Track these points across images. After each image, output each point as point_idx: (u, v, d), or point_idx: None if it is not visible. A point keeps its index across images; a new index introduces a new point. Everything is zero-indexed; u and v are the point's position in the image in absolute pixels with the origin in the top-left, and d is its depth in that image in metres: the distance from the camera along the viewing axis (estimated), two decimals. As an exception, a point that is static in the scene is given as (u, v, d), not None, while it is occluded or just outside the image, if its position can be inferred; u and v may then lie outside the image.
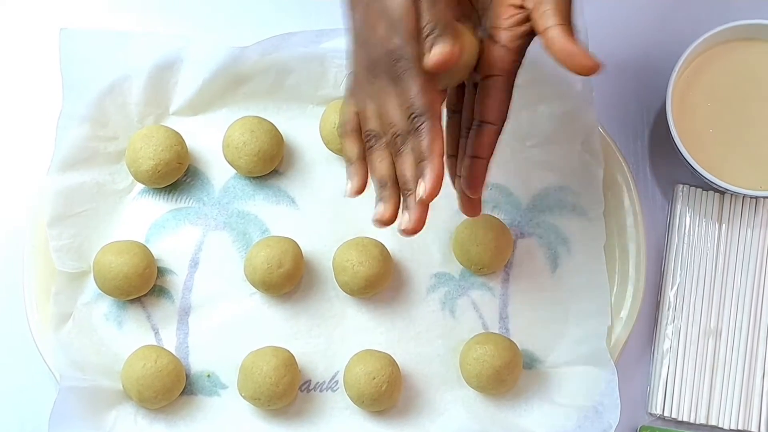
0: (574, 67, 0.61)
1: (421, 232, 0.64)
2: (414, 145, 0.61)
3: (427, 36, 0.60)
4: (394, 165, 0.63)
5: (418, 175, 0.61)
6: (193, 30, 0.85)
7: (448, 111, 0.71)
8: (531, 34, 0.64)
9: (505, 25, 0.65)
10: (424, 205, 0.62)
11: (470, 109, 0.68)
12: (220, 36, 0.84)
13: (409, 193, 0.62)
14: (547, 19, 0.62)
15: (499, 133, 0.67)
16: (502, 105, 0.67)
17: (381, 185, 0.64)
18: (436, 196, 0.61)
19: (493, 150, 0.68)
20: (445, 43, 0.60)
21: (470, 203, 0.72)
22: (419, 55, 0.60)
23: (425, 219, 0.63)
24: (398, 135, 0.62)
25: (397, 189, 0.64)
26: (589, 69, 0.61)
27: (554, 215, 0.82)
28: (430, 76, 0.61)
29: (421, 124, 0.61)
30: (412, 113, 0.61)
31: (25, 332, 0.80)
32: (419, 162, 0.61)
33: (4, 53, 0.87)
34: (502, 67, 0.65)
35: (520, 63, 0.66)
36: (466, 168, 0.69)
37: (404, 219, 0.63)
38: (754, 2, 0.86)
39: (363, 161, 0.66)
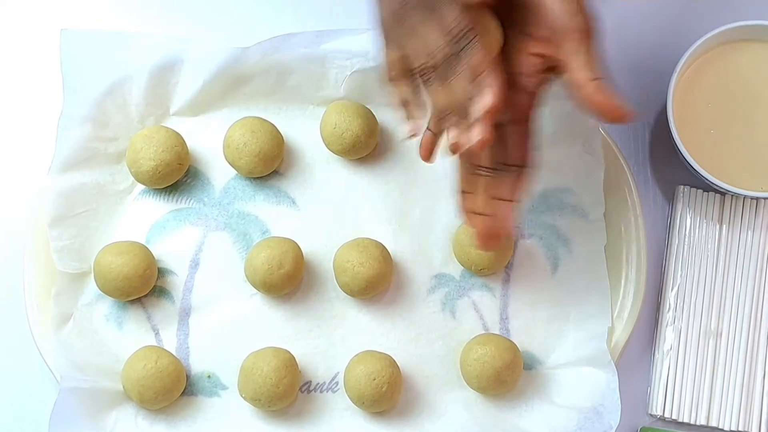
0: (611, 120, 0.63)
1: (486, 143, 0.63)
2: (465, 64, 0.62)
3: (459, 40, 0.62)
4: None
5: (476, 93, 0.62)
6: (193, 31, 0.85)
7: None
8: (550, 78, 0.66)
9: (526, 72, 0.65)
10: (490, 117, 0.62)
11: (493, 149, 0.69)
12: (220, 37, 0.84)
13: (470, 116, 0.63)
14: (581, 73, 0.62)
15: (527, 175, 0.68)
16: (527, 147, 0.68)
17: (443, 116, 0.65)
18: (501, 106, 0.62)
19: (521, 194, 0.69)
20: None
21: (487, 238, 0.71)
22: None
23: (492, 130, 0.63)
24: (448, 57, 0.63)
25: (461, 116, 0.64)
26: (624, 118, 0.63)
27: (555, 216, 0.82)
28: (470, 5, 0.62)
29: (468, 42, 0.62)
30: (456, 35, 0.62)
31: (25, 333, 0.80)
32: (475, 78, 0.62)
33: (4, 54, 0.87)
34: (523, 112, 0.67)
35: (539, 108, 0.67)
36: (492, 211, 0.69)
37: (471, 134, 0.63)
38: (755, 3, 0.86)
39: (417, 100, 0.67)
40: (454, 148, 0.65)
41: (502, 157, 0.68)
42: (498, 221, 0.70)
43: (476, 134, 0.63)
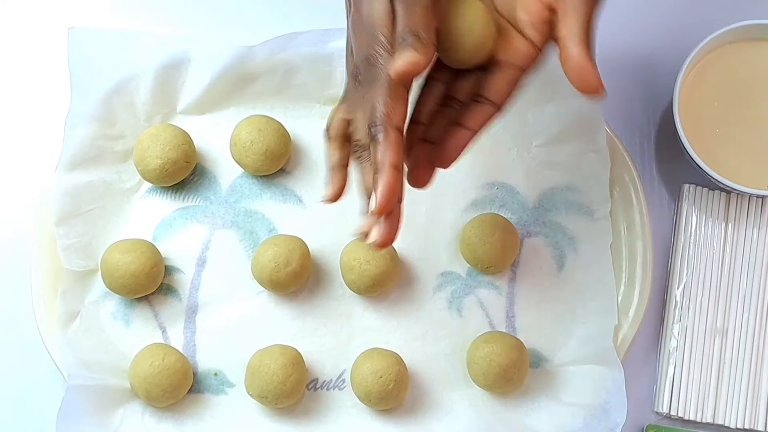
0: (580, 85, 0.61)
1: (391, 245, 0.62)
2: (372, 156, 0.60)
3: (400, 44, 0.59)
4: None
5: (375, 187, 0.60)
6: (200, 29, 0.86)
7: (427, 77, 0.67)
8: (552, 33, 0.63)
9: (533, 21, 0.63)
10: (386, 218, 0.61)
11: (473, 82, 0.65)
12: (227, 35, 0.84)
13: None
14: (568, 29, 0.61)
15: (497, 115, 0.65)
16: (510, 92, 0.65)
17: (365, 198, 0.63)
18: (388, 208, 0.60)
19: (482, 128, 0.66)
20: (411, 52, 0.58)
21: (423, 173, 0.67)
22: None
23: (394, 233, 0.62)
24: (362, 145, 0.61)
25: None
26: (593, 89, 0.61)
27: (561, 214, 0.83)
28: (399, 85, 0.59)
29: (377, 134, 0.60)
30: (371, 122, 0.60)
31: (32, 331, 0.80)
32: (375, 174, 0.60)
33: (12, 52, 0.87)
34: (522, 61, 0.64)
35: (540, 62, 0.65)
36: (449, 135, 0.66)
37: (373, 232, 0.62)
38: (761, 2, 0.86)
39: (342, 168, 0.65)
40: (361, 239, 0.63)
41: (483, 91, 0.65)
42: (454, 149, 0.66)
43: (374, 235, 0.62)
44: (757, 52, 0.80)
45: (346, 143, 0.65)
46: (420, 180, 0.67)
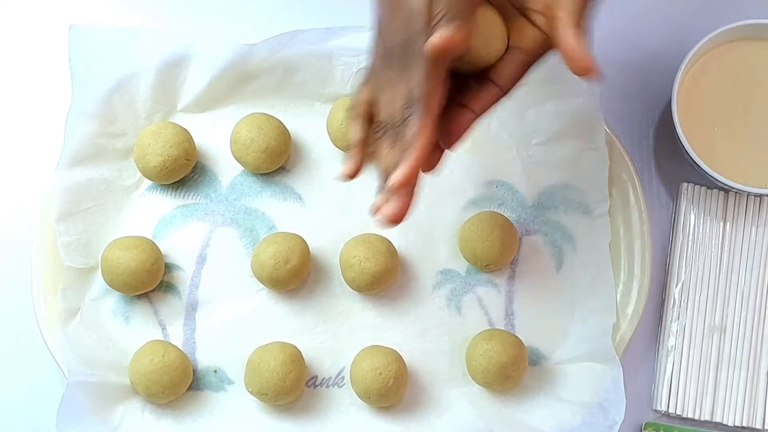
0: (574, 67, 0.61)
1: (401, 223, 0.63)
2: (403, 136, 0.61)
3: (436, 23, 0.59)
4: None
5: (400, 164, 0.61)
6: (201, 27, 0.86)
7: None
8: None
9: (538, 7, 0.64)
10: (402, 193, 0.62)
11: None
12: (228, 33, 0.84)
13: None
14: (563, 17, 0.61)
15: (502, 99, 0.65)
16: (517, 77, 0.65)
17: (384, 178, 0.63)
18: (410, 183, 0.61)
19: (486, 111, 0.66)
20: (447, 29, 0.58)
21: (432, 156, 0.66)
22: None
23: (406, 210, 0.63)
24: (395, 125, 0.62)
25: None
26: (588, 71, 0.61)
27: (560, 213, 0.83)
28: (436, 66, 0.60)
29: (410, 115, 0.61)
30: (406, 103, 0.61)
31: (33, 327, 0.80)
32: (402, 151, 0.61)
33: (13, 49, 0.87)
34: (531, 47, 0.64)
35: (549, 50, 0.65)
36: (454, 116, 0.65)
37: (385, 207, 0.63)
38: (760, 2, 0.86)
39: (362, 148, 0.67)
40: (376, 216, 0.63)
41: (491, 74, 0.65)
42: (457, 131, 0.66)
43: (386, 209, 0.62)
44: (756, 52, 0.81)
45: (368, 123, 0.66)
46: (429, 163, 0.66)
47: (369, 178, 0.83)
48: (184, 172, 0.82)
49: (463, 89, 0.66)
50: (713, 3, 0.86)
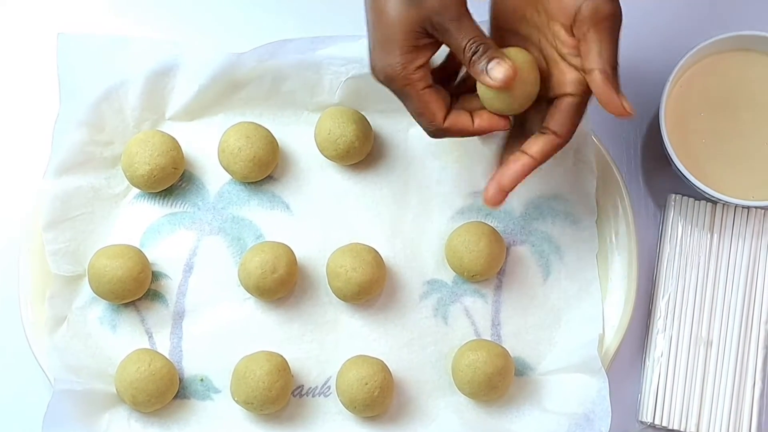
0: (609, 109, 0.65)
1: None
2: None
3: (474, 54, 0.66)
4: None
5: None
6: (189, 36, 0.86)
7: None
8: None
9: (571, 51, 0.67)
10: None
11: (541, 114, 0.70)
12: (216, 42, 0.84)
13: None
14: (591, 61, 0.65)
15: (560, 144, 0.69)
16: (571, 122, 0.68)
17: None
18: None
19: (544, 156, 0.69)
20: (504, 66, 0.66)
21: (495, 198, 0.71)
22: None
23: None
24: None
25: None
26: (620, 113, 0.66)
27: (547, 223, 0.83)
28: None
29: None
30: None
31: (19, 335, 0.80)
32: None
33: (1, 57, 0.87)
34: (576, 89, 0.68)
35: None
36: (513, 159, 0.69)
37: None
38: (747, 13, 0.86)
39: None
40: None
41: (547, 121, 0.68)
42: (513, 173, 0.69)
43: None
44: (743, 63, 0.81)
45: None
46: (495, 200, 0.71)
47: (355, 186, 0.83)
48: (171, 181, 0.82)
49: (521, 138, 0.70)
50: (701, 14, 0.86)
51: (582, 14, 0.65)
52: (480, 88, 0.69)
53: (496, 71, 0.66)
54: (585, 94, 0.68)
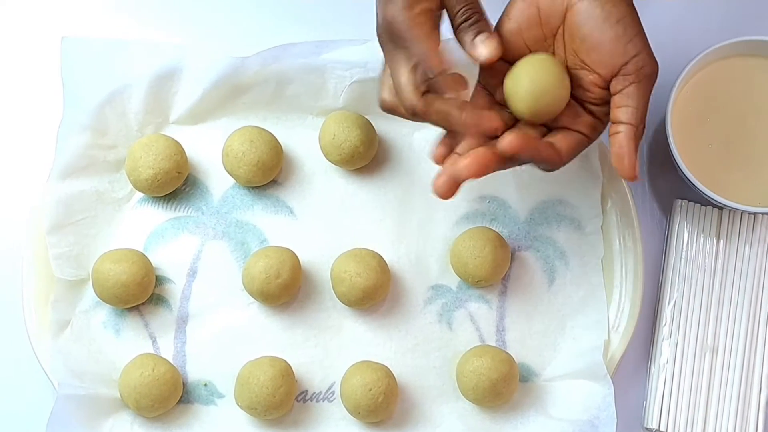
0: (618, 169, 0.66)
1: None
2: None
3: (464, 22, 0.65)
4: None
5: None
6: (193, 40, 0.86)
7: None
8: None
9: (596, 101, 0.68)
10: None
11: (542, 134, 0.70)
12: (220, 46, 0.84)
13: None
14: (624, 115, 0.66)
15: (558, 165, 0.68)
16: (572, 153, 0.68)
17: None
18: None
19: (567, 155, 0.68)
20: (492, 42, 0.65)
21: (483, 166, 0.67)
22: None
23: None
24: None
25: None
26: (628, 177, 0.66)
27: (552, 229, 0.82)
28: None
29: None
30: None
31: (23, 339, 0.80)
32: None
33: (5, 61, 0.87)
34: (586, 130, 0.69)
35: (601, 133, 0.69)
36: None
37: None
38: (755, 18, 0.86)
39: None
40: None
41: (556, 142, 0.68)
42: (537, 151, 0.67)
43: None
44: (751, 68, 0.80)
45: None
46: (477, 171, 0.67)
47: (360, 191, 0.83)
48: (175, 185, 0.82)
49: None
50: (707, 20, 0.86)
51: (627, 69, 0.65)
52: (508, 90, 0.67)
53: (481, 48, 0.65)
54: (592, 138, 0.69)
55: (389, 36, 0.67)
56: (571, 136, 0.68)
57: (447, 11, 0.67)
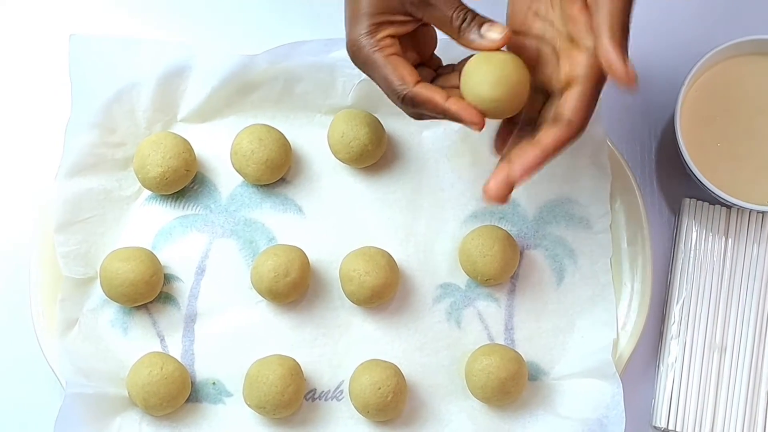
0: (612, 77, 0.61)
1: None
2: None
3: (464, 22, 0.65)
4: None
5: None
6: (202, 38, 0.85)
7: None
8: None
9: (582, 28, 0.64)
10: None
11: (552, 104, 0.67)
12: (229, 44, 0.84)
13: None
14: (601, 24, 0.62)
15: (575, 138, 0.65)
16: (585, 109, 0.64)
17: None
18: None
19: (559, 150, 0.65)
20: (499, 26, 0.65)
21: (502, 188, 0.66)
22: None
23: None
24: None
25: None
26: (623, 81, 0.61)
27: (561, 227, 0.82)
28: None
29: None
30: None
31: (31, 338, 0.80)
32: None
33: (13, 59, 0.87)
34: (588, 72, 0.64)
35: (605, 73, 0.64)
36: (523, 150, 0.66)
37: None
38: (764, 17, 0.86)
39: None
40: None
41: (560, 108, 0.65)
42: (524, 164, 0.65)
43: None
44: (760, 67, 0.80)
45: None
46: (499, 195, 0.66)
47: (368, 189, 0.83)
48: (183, 183, 0.82)
49: (526, 134, 0.66)
50: (717, 18, 0.86)
51: None
52: (467, 88, 0.66)
53: (492, 32, 0.65)
54: (596, 78, 0.64)
55: (354, 58, 0.68)
56: (573, 92, 0.64)
57: (439, 26, 0.66)
